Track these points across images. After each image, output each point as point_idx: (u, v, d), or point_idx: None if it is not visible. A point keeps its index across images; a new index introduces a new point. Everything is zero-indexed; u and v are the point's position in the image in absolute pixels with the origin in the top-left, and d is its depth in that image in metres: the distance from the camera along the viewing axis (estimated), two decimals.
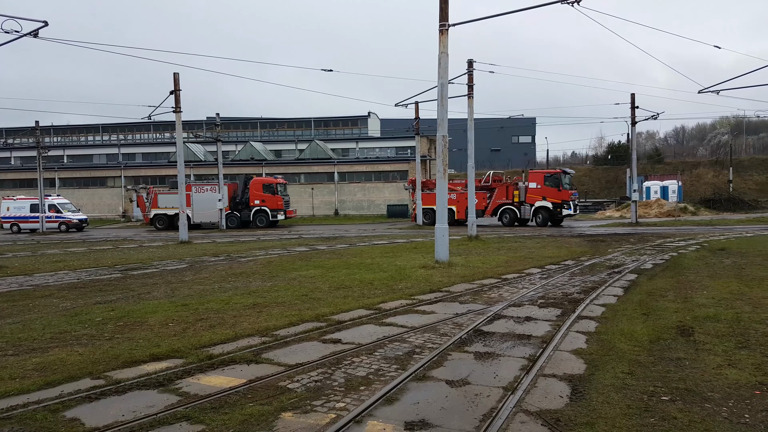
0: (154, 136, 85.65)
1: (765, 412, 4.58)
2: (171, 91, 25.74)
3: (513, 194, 33.83)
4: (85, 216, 41.88)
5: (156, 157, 67.91)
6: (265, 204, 37.40)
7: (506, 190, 34.40)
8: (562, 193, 32.47)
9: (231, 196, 38.18)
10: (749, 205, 44.50)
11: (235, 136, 78.98)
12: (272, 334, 7.50)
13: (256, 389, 5.36)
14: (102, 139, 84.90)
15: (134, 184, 44.50)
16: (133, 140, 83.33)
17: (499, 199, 34.38)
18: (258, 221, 37.70)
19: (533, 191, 33.15)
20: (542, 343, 6.97)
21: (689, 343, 6.78)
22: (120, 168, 56.02)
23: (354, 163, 53.78)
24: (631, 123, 33.07)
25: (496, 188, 34.61)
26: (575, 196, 33.74)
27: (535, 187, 33.13)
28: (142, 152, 73.69)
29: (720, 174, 59.59)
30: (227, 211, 37.88)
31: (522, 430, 4.38)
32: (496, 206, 34.33)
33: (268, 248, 21.23)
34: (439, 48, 14.84)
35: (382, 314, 8.70)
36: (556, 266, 14.50)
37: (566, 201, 32.40)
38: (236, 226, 37.84)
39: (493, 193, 34.66)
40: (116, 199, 54.84)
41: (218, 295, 10.77)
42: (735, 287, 10.53)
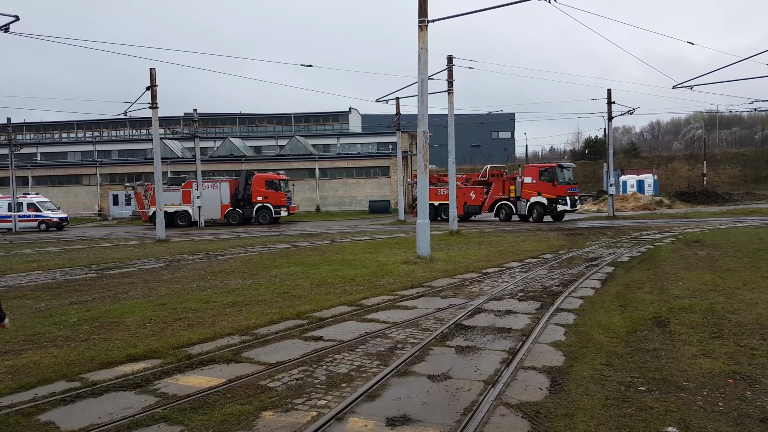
0: (131, 132, 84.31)
1: (738, 401, 4.68)
2: (147, 86, 25.36)
3: (509, 189, 32.86)
4: (66, 215, 41.15)
5: (132, 154, 66.88)
6: (268, 200, 37.10)
7: (503, 185, 33.37)
8: (557, 188, 31.02)
9: (233, 193, 37.95)
10: (722, 198, 45.37)
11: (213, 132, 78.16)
12: (252, 332, 7.44)
13: (236, 389, 5.32)
14: (77, 136, 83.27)
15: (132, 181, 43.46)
16: (108, 137, 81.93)
17: (495, 194, 33.40)
18: (261, 218, 37.44)
19: (528, 186, 32.00)
20: (522, 336, 7.04)
21: (665, 333, 6.90)
22: (95, 165, 55.08)
23: (335, 159, 53.60)
24: (608, 118, 33.47)
25: (493, 183, 33.62)
26: (573, 191, 32.13)
27: (530, 182, 31.97)
28: (118, 149, 72.45)
29: (694, 168, 60.71)
30: (229, 207, 37.73)
31: (502, 423, 4.41)
32: (493, 201, 33.40)
33: (248, 246, 21.07)
34: (418, 44, 14.84)
35: (364, 310, 8.69)
36: (535, 260, 14.64)
37: (562, 196, 30.91)
38: (238, 223, 37.62)
39: (490, 188, 33.70)
40: (92, 197, 53.96)
41: (197, 294, 10.66)
42: (709, 278, 10.74)
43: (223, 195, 37.93)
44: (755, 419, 4.30)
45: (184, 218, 37.48)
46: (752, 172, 65.03)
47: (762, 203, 38.11)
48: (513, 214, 32.70)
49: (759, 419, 4.30)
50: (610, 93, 32.93)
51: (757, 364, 5.58)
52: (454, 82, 24.17)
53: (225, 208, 37.95)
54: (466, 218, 34.52)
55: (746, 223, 25.53)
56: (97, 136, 78.91)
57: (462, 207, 33.48)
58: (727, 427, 4.16)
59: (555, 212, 31.35)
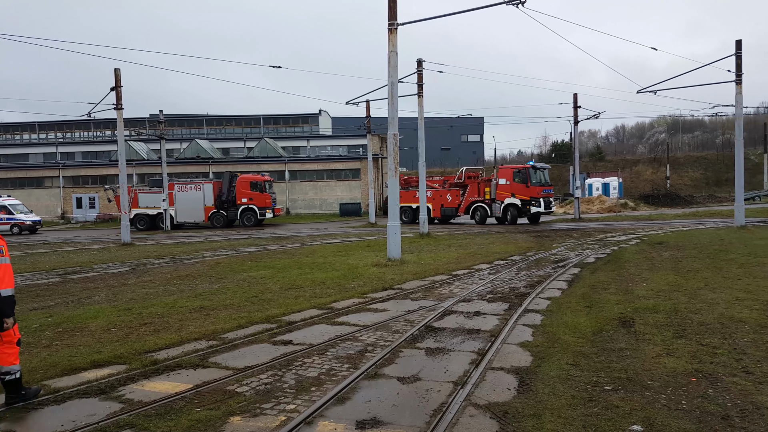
0: (95, 134, 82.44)
1: (700, 399, 4.80)
2: (112, 87, 24.79)
3: (484, 191, 32.43)
4: (39, 218, 39.94)
5: (96, 156, 65.34)
6: (253, 202, 36.74)
7: (478, 187, 32.98)
8: (530, 189, 30.67)
9: (216, 195, 37.43)
10: (685, 200, 46.72)
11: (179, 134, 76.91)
12: (220, 337, 7.33)
13: (203, 394, 5.23)
14: (38, 137, 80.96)
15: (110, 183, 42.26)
16: (72, 139, 79.88)
17: (471, 196, 32.98)
18: (246, 219, 37.03)
19: (503, 188, 31.64)
20: (491, 337, 7.10)
21: (630, 333, 7.04)
22: (58, 167, 53.62)
23: (305, 162, 53.33)
24: (574, 122, 34.12)
25: (469, 185, 33.20)
26: (548, 192, 31.66)
27: (504, 184, 31.59)
28: (82, 151, 70.69)
29: (658, 171, 62.38)
30: (213, 210, 37.18)
31: (471, 423, 4.44)
32: (468, 204, 32.99)
33: (216, 249, 20.78)
34: (388, 47, 14.88)
35: (335, 313, 8.65)
36: (503, 261, 14.81)
37: (535, 198, 30.51)
38: (222, 225, 37.11)
39: (466, 190, 33.29)
40: (54, 200, 52.49)
41: (163, 298, 10.45)
42: (672, 279, 11.02)
43: (206, 197, 37.45)
44: (717, 416, 4.42)
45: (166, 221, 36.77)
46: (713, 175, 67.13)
47: (723, 205, 39.35)
48: (488, 216, 32.37)
49: (720, 416, 4.41)
50: (576, 97, 33.60)
51: (719, 363, 5.74)
52: (423, 85, 24.32)
53: (209, 210, 37.46)
54: (444, 221, 34.44)
55: (708, 224, 26.33)
56: (60, 137, 76.81)
57: (439, 209, 33.65)
58: (690, 425, 4.27)
59: (529, 214, 30.89)
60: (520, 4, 14.62)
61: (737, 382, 5.14)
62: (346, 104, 30.91)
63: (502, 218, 31.74)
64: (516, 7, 14.78)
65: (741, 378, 5.26)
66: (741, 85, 23.20)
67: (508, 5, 14.76)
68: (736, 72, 23.08)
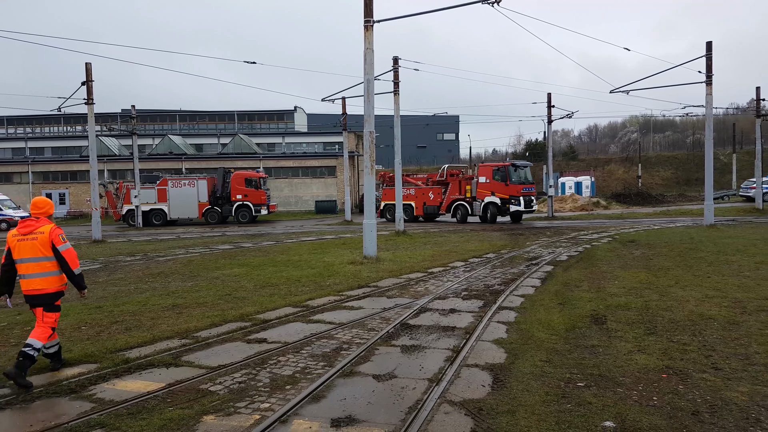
0: (65, 129, 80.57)
1: (671, 395, 4.89)
2: (83, 81, 24.21)
3: (465, 189, 31.67)
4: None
5: (67, 152, 63.80)
6: (248, 198, 36.13)
7: (459, 185, 32.15)
8: (510, 187, 29.83)
9: (210, 191, 36.78)
10: (656, 199, 47.64)
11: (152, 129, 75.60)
12: (193, 335, 7.23)
13: (176, 393, 5.15)
14: (7, 132, 78.77)
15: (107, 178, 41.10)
16: (41, 134, 77.99)
17: (453, 194, 32.16)
18: (240, 216, 36.43)
19: (483, 186, 30.84)
20: (465, 334, 7.13)
21: (602, 330, 7.15)
22: (27, 163, 52.18)
23: (280, 158, 52.86)
24: (548, 121, 34.47)
25: (451, 183, 32.42)
26: (529, 191, 30.66)
27: (484, 182, 30.76)
28: (52, 146, 68.97)
29: (630, 170, 63.52)
30: (207, 206, 36.57)
31: (446, 420, 4.45)
32: (450, 202, 32.19)
33: (189, 247, 20.49)
34: (364, 44, 14.83)
35: (310, 311, 8.60)
36: (478, 259, 14.91)
37: (515, 196, 29.68)
38: (216, 222, 36.54)
39: (448, 188, 32.52)
40: (23, 196, 51.06)
41: (135, 296, 10.27)
42: (643, 277, 11.22)
43: (200, 193, 36.74)
44: (687, 412, 4.51)
45: (159, 217, 36.01)
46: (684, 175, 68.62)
47: (693, 204, 40.24)
48: (469, 214, 31.75)
49: (690, 412, 4.50)
50: (550, 97, 33.94)
51: (689, 359, 5.86)
52: (400, 83, 24.30)
53: (203, 206, 36.78)
54: (427, 219, 33.92)
55: (678, 223, 26.90)
56: (29, 132, 74.88)
57: (421, 208, 33.20)
58: (661, 421, 4.34)
59: (508, 212, 30.30)
60: (495, 3, 14.70)
61: (707, 378, 5.25)
62: (322, 101, 30.57)
63: (483, 217, 31.10)
64: (491, 6, 14.86)
65: (710, 374, 5.38)
66: (711, 86, 23.73)
67: (484, 4, 14.83)
68: (707, 73, 23.60)
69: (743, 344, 6.32)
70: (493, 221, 30.44)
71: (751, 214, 32.19)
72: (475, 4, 15.05)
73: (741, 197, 43.13)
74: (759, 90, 34.29)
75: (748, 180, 43.59)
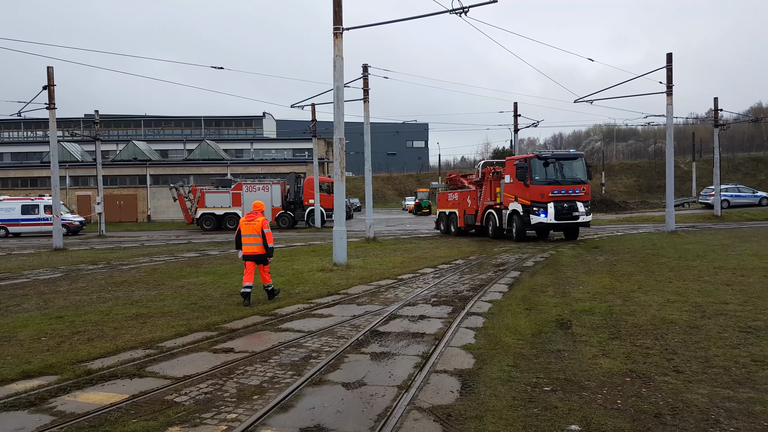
0: (25, 134, 78.27)
1: (634, 398, 4.99)
2: (44, 86, 23.61)
3: (496, 193, 23.65)
4: (83, 218, 38.09)
5: (27, 157, 61.95)
6: (320, 203, 35.90)
7: (490, 186, 24.20)
8: (531, 190, 20.93)
9: (283, 195, 36.94)
10: (619, 206, 48.74)
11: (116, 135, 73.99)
12: (158, 345, 7.08)
13: (140, 404, 5.03)
14: None
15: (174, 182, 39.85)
16: (0, 139, 75.48)
17: (485, 199, 24.50)
18: (311, 221, 36.43)
19: (508, 188, 22.52)
20: (435, 340, 7.16)
21: (568, 335, 7.26)
22: None
23: (249, 165, 52.34)
24: (514, 130, 34.97)
25: (484, 185, 24.83)
26: (569, 194, 20.98)
27: (509, 182, 22.46)
28: (11, 152, 66.87)
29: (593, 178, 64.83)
30: (280, 210, 36.64)
31: (415, 427, 4.45)
32: (484, 210, 24.59)
33: (154, 255, 20.08)
34: (333, 51, 14.83)
35: (278, 320, 8.52)
36: (447, 265, 15.01)
37: (538, 202, 20.78)
38: (288, 226, 36.47)
39: (482, 191, 25.08)
40: None
41: (97, 305, 10.00)
42: (607, 282, 11.46)
43: (274, 197, 36.75)
44: (650, 415, 4.61)
45: (233, 221, 35.48)
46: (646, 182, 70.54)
47: (655, 211, 41.30)
48: (498, 227, 23.36)
49: (653, 414, 4.60)
50: (516, 106, 34.43)
51: (652, 363, 5.99)
52: (369, 90, 24.37)
53: (276, 210, 36.79)
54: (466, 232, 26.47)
55: (641, 229, 27.61)
56: None
57: (462, 218, 26.30)
58: (625, 424, 4.43)
59: (529, 226, 21.39)
60: (463, 13, 14.90)
61: (668, 381, 5.38)
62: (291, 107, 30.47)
63: (509, 230, 22.72)
64: (459, 16, 15.05)
65: (672, 377, 5.51)
66: (671, 96, 24.49)
67: (452, 14, 15.00)
68: (667, 84, 24.35)
69: (703, 347, 6.51)
70: (520, 238, 21.93)
71: (710, 220, 33.25)
72: (444, 13, 15.22)
73: (701, 204, 44.49)
74: (717, 101, 35.54)
75: (707, 187, 45.02)
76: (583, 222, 21.36)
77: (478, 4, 14.98)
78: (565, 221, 20.98)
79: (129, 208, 47.99)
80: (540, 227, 21.44)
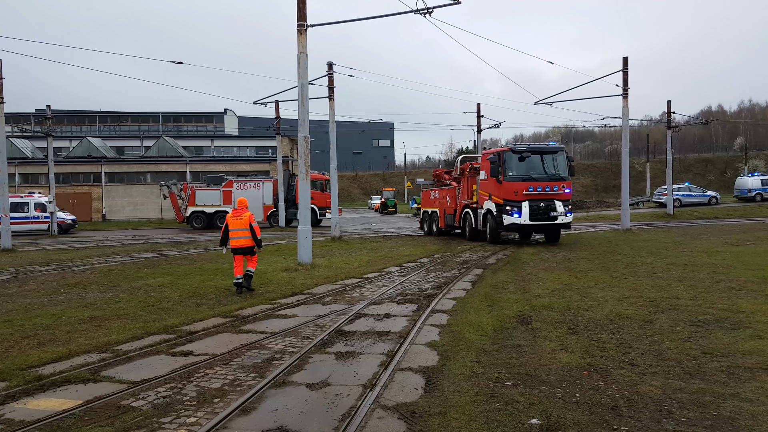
0: None
1: (592, 391, 5.11)
2: None
3: (472, 190, 21.83)
4: (75, 216, 36.82)
5: None
6: (313, 201, 34.51)
7: (467, 184, 22.24)
8: (504, 186, 19.13)
9: (275, 194, 36.04)
10: (577, 205, 49.75)
11: (69, 131, 71.72)
12: (113, 349, 6.86)
13: (95, 410, 4.86)
14: None
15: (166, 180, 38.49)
16: None
17: (463, 198, 22.68)
18: None
19: (482, 185, 20.71)
20: (400, 338, 7.18)
21: (528, 330, 7.39)
22: None
23: (209, 162, 51.30)
24: (477, 130, 35.40)
25: (462, 182, 22.92)
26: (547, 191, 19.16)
27: (483, 179, 20.59)
28: None
29: None
30: (272, 209, 35.76)
31: (379, 425, 4.45)
32: (462, 209, 22.86)
33: (109, 255, 19.51)
34: (298, 48, 14.70)
35: (240, 321, 8.38)
36: (413, 264, 15.08)
37: (511, 201, 18.99)
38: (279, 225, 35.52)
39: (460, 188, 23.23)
40: None
41: (48, 308, 9.64)
42: (566, 279, 11.72)
43: (266, 195, 36.03)
44: (606, 407, 4.72)
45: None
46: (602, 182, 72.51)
47: (611, 210, 42.48)
48: (475, 228, 21.59)
49: (610, 407, 4.72)
50: (479, 107, 34.90)
51: (608, 357, 6.15)
52: (334, 88, 24.26)
53: (268, 209, 36.09)
54: (449, 232, 25.02)
55: (597, 228, 28.34)
56: None
57: (442, 218, 24.79)
58: (583, 416, 4.52)
59: (503, 227, 19.57)
60: (428, 13, 14.98)
61: (624, 374, 5.53)
62: (254, 104, 29.91)
63: (484, 232, 20.84)
64: (423, 16, 15.13)
65: (627, 370, 5.66)
66: (627, 98, 25.21)
67: (416, 14, 15.06)
68: (623, 86, 25.05)
69: (657, 341, 6.71)
70: (494, 240, 20.13)
71: (663, 219, 34.41)
72: (408, 13, 15.26)
73: (654, 203, 46.01)
74: (670, 104, 36.79)
75: (660, 187, 46.57)
76: (562, 223, 19.42)
77: (442, 5, 15.10)
78: (541, 222, 19.08)
79: (83, 207, 46.39)
80: (513, 229, 19.54)
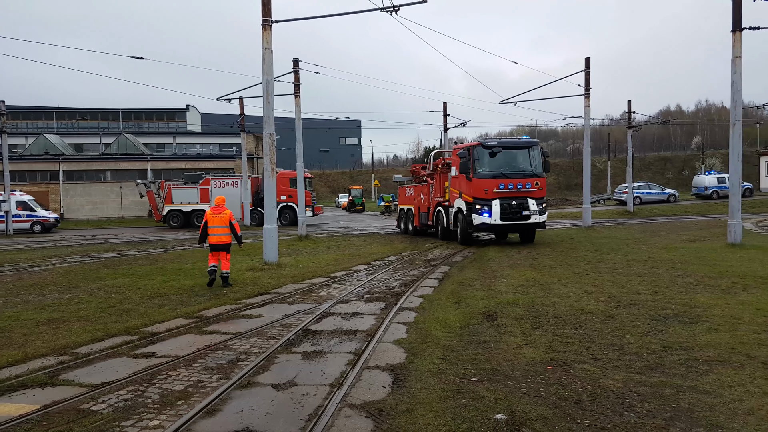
0: None
1: (556, 385, 5.20)
2: None
3: (444, 188, 20.87)
4: (57, 215, 35.59)
5: None
6: (293, 200, 33.48)
7: (440, 180, 21.31)
8: (473, 184, 18.22)
9: (254, 191, 34.86)
10: None
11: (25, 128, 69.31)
12: (72, 352, 6.66)
13: (53, 415, 4.71)
14: None
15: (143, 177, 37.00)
16: None
17: (436, 195, 21.72)
18: (283, 218, 34.55)
19: (453, 182, 19.76)
20: (367, 336, 7.17)
21: (493, 326, 7.48)
22: None
23: (171, 160, 50.18)
24: (444, 129, 35.62)
25: (435, 178, 21.97)
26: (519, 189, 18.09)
27: (454, 175, 19.61)
28: None
29: None
30: (251, 207, 34.61)
31: (347, 424, 4.43)
32: (435, 207, 21.91)
33: (67, 255, 18.93)
34: (262, 44, 14.52)
35: (204, 322, 8.24)
36: (381, 262, 15.10)
37: (481, 199, 18.03)
38: (258, 224, 34.10)
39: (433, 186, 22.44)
40: None
41: (3, 311, 9.29)
42: (530, 275, 11.91)
43: (244, 194, 34.73)
44: (570, 401, 4.81)
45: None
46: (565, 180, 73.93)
47: (573, 208, 43.28)
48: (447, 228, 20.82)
49: (573, 401, 4.81)
50: (446, 106, 35.10)
51: (571, 352, 6.27)
52: (301, 85, 24.05)
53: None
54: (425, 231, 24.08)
55: (560, 225, 28.87)
56: None
57: (417, 216, 23.96)
58: (547, 410, 4.60)
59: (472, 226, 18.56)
60: (394, 11, 14.99)
61: (587, 369, 5.65)
62: (218, 100, 29.31)
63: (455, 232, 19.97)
64: (390, 15, 15.13)
65: (590, 365, 5.79)
66: (589, 98, 25.75)
67: (383, 12, 15.06)
68: (585, 86, 25.57)
69: (618, 335, 6.88)
70: (465, 241, 19.12)
71: (623, 216, 35.30)
72: (374, 11, 15.24)
73: (615, 201, 47.11)
74: (630, 104, 37.75)
75: (621, 185, 47.72)
76: (535, 223, 18.32)
77: (408, 3, 15.11)
78: (513, 222, 18.11)
79: None
80: (484, 229, 18.49)
